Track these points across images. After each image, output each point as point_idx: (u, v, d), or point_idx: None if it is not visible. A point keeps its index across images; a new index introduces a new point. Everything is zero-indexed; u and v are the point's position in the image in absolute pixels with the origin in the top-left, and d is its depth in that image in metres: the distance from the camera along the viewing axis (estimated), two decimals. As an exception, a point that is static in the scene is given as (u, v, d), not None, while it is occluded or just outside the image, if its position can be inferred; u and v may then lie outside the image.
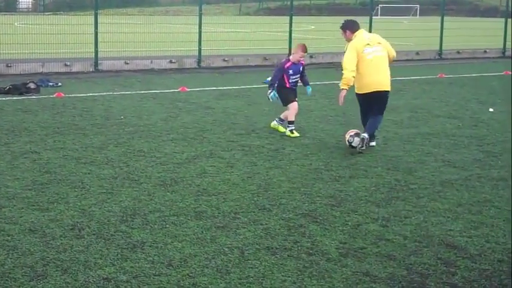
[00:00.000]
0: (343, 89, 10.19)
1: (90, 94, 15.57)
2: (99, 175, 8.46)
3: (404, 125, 12.27)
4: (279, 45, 24.93)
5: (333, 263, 5.76)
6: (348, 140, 10.09)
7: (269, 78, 18.31)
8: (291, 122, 11.17)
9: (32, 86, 15.58)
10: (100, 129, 11.43)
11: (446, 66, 24.63)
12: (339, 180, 8.43)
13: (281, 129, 11.47)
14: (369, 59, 10.15)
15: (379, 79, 10.23)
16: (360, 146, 9.91)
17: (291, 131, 11.12)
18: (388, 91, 10.36)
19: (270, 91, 11.26)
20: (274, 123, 11.66)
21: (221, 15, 54.09)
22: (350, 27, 10.47)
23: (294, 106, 11.30)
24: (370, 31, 25.60)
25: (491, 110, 13.84)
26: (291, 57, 11.59)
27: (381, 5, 71.83)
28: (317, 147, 10.29)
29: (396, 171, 8.94)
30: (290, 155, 9.74)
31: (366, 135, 10.01)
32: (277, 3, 73.71)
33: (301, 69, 11.53)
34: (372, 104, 10.34)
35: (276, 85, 11.28)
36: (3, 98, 14.68)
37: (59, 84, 17.09)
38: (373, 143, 10.39)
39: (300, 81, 11.62)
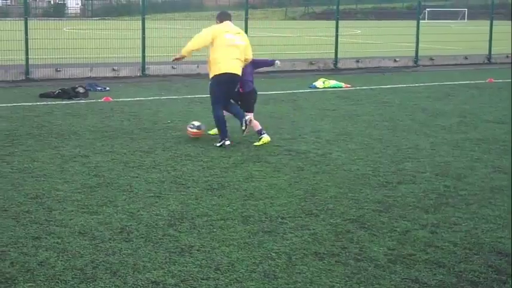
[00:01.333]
0: (183, 55, 11.22)
1: (138, 99, 15.73)
2: (147, 179, 8.54)
3: (453, 130, 12.12)
4: (325, 50, 24.86)
5: (382, 270, 5.71)
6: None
7: (315, 83, 18.38)
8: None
9: (80, 90, 15.81)
10: (148, 133, 11.53)
11: (496, 70, 24.26)
12: (386, 186, 8.36)
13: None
14: (226, 44, 10.68)
15: (233, 64, 10.68)
16: (245, 130, 10.72)
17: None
18: (238, 75, 10.78)
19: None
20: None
21: (266, 20, 54.19)
22: (219, 17, 11.14)
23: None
24: (417, 35, 25.41)
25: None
26: None
27: (428, 9, 71.23)
28: (364, 152, 10.23)
29: (445, 177, 8.83)
30: (337, 160, 9.70)
31: (246, 118, 10.78)
32: (322, 8, 73.61)
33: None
34: (227, 91, 10.85)
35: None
36: (53, 102, 14.92)
37: (107, 88, 17.31)
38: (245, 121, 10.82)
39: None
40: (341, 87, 18.45)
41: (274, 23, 47.31)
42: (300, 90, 17.74)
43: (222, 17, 11.14)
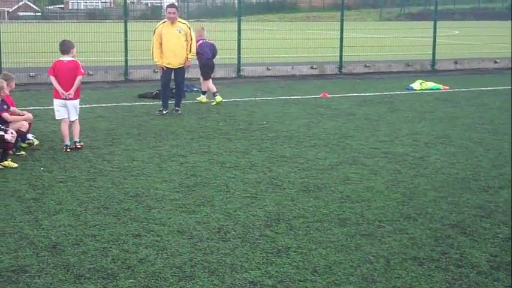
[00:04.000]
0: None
1: (233, 99, 15.88)
2: (243, 179, 8.60)
3: (558, 134, 11.69)
4: (422, 51, 24.46)
5: (484, 277, 5.56)
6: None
7: (412, 85, 18.10)
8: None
9: (177, 91, 16.03)
10: (243, 134, 11.62)
11: None
12: (487, 191, 8.14)
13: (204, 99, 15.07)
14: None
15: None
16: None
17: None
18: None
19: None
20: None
21: (361, 21, 53.77)
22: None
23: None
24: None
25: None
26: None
27: (530, 9, 69.00)
28: (464, 156, 9.99)
29: (550, 182, 8.52)
30: (435, 164, 9.52)
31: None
32: (419, 8, 72.46)
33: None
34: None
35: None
36: (151, 103, 15.24)
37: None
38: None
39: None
40: (439, 89, 18.10)
41: (369, 24, 46.87)
42: (397, 92, 17.50)
43: None
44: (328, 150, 10.38)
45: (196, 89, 17.47)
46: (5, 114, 9.84)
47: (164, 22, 13.77)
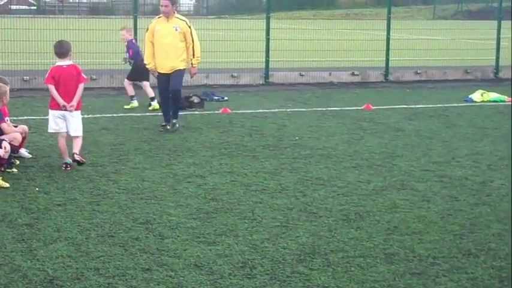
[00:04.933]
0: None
1: (260, 110, 15.93)
2: (272, 205, 8.61)
3: None
4: (484, 56, 24.38)
5: (558, 326, 5.51)
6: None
7: (471, 96, 18.03)
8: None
9: (195, 100, 16.15)
10: (272, 151, 11.64)
11: None
12: (562, 223, 8.08)
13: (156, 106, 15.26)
14: None
15: None
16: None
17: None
18: None
19: None
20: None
21: (411, 20, 53.72)
22: (176, 3, 13.65)
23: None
24: None
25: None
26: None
27: None
28: (533, 181, 9.93)
29: None
30: (500, 190, 9.47)
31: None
32: (479, 5, 72.19)
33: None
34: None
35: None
36: (164, 113, 15.30)
37: (225, 98, 17.62)
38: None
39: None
40: (503, 101, 18.01)
41: (420, 23, 46.80)
42: (453, 104, 17.45)
43: None
44: (372, 172, 10.36)
45: (217, 97, 17.57)
46: (3, 125, 9.96)
47: (159, 17, 13.45)
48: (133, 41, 17.05)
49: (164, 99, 13.56)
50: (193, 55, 13.44)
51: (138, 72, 15.96)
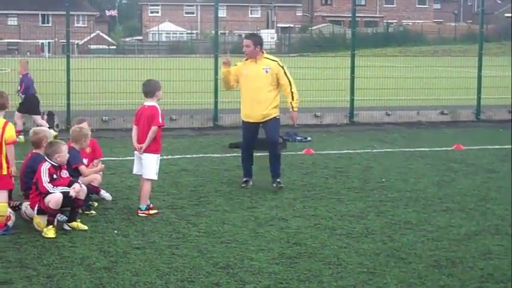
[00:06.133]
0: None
1: (345, 151, 15.87)
2: (358, 250, 8.53)
3: None
4: None
5: None
6: None
7: None
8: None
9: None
10: (358, 193, 11.56)
11: None
12: None
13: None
14: None
15: None
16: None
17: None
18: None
19: None
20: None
21: (504, 56, 53.00)
22: (262, 43, 12.15)
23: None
24: None
25: None
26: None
27: None
28: None
29: None
30: None
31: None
32: None
33: None
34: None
35: None
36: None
37: (308, 138, 17.61)
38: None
39: None
40: None
41: (513, 59, 46.08)
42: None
43: None
44: (464, 216, 10.19)
45: (300, 138, 17.58)
46: (82, 167, 10.18)
47: (246, 60, 12.14)
48: (28, 75, 17.86)
49: (248, 151, 12.46)
50: (292, 98, 12.09)
51: (29, 106, 17.44)
